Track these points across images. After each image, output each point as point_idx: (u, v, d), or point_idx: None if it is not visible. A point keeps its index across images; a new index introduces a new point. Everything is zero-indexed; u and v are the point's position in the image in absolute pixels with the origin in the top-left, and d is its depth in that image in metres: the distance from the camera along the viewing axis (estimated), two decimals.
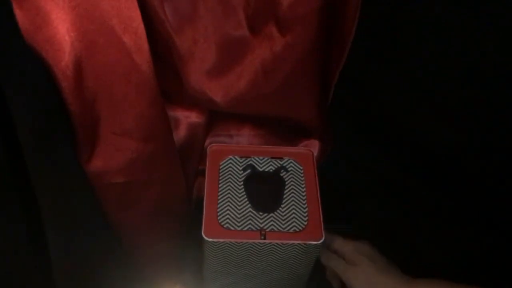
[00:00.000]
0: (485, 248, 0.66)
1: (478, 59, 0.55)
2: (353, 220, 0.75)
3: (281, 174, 0.63)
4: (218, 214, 0.58)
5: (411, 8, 0.57)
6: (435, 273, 0.54)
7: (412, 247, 0.70)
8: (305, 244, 0.56)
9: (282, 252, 0.57)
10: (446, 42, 0.57)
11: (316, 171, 0.63)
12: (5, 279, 0.51)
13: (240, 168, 0.63)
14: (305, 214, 0.59)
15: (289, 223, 0.58)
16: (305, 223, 0.58)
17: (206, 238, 0.56)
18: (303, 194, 0.61)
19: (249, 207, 0.59)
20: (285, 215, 0.59)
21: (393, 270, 0.56)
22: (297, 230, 0.58)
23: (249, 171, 0.63)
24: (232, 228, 0.57)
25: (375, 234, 0.62)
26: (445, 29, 0.56)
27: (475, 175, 0.63)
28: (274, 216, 0.59)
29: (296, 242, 0.56)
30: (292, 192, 0.61)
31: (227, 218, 0.58)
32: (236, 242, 0.56)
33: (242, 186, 0.61)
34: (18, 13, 0.41)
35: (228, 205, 0.59)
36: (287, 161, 0.64)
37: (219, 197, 0.60)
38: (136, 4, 0.45)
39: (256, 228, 0.57)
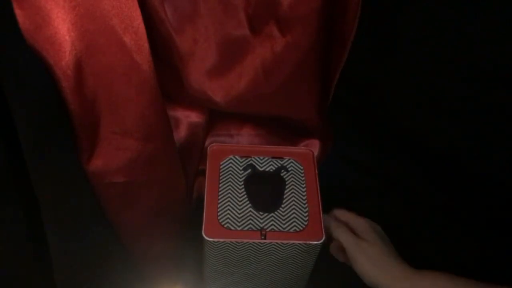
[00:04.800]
0: (486, 247, 0.66)
1: (478, 59, 0.55)
2: None
3: (282, 174, 0.63)
4: (219, 214, 0.58)
5: (411, 8, 0.57)
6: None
7: (412, 246, 0.69)
8: (305, 244, 0.56)
9: (283, 252, 0.57)
10: (446, 42, 0.57)
11: (316, 171, 0.63)
12: (6, 279, 0.51)
13: (241, 168, 0.63)
14: (305, 214, 0.59)
15: (289, 223, 0.58)
16: (306, 223, 0.58)
17: (206, 238, 0.56)
18: (304, 194, 0.61)
19: (250, 207, 0.59)
20: (285, 215, 0.59)
21: (400, 258, 0.55)
22: (298, 230, 0.58)
23: (249, 170, 0.63)
24: (233, 228, 0.57)
25: None
26: (445, 29, 0.56)
27: (475, 174, 0.63)
28: (275, 216, 0.59)
29: (296, 242, 0.56)
30: (293, 192, 0.61)
31: (228, 218, 0.58)
32: (237, 242, 0.56)
33: (243, 186, 0.61)
34: (18, 12, 0.41)
35: (229, 205, 0.59)
36: (287, 160, 0.64)
37: (219, 197, 0.60)
38: (136, 3, 0.45)
39: (256, 228, 0.57)
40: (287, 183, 0.62)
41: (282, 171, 0.63)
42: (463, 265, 0.62)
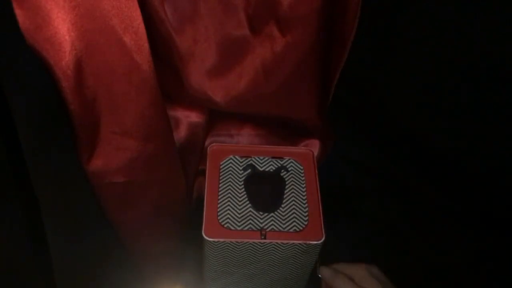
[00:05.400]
0: (486, 247, 0.66)
1: (478, 59, 0.55)
2: (353, 220, 0.75)
3: (282, 174, 0.63)
4: (219, 214, 0.58)
5: (411, 8, 0.57)
6: (435, 273, 0.54)
7: (412, 247, 0.70)
8: (305, 244, 0.56)
9: (283, 252, 0.57)
10: (446, 42, 0.57)
11: (316, 171, 0.63)
12: (6, 279, 0.51)
13: (241, 168, 0.63)
14: (305, 214, 0.59)
15: (289, 223, 0.58)
16: (306, 223, 0.58)
17: (206, 238, 0.56)
18: (304, 193, 0.61)
19: (250, 207, 0.59)
20: (285, 215, 0.59)
21: None
22: (298, 230, 0.58)
23: (249, 170, 0.63)
24: (233, 228, 0.57)
25: (375, 234, 0.62)
26: (445, 29, 0.56)
27: (475, 174, 0.63)
28: (275, 216, 0.59)
29: (296, 242, 0.56)
30: (293, 192, 0.61)
31: (228, 218, 0.58)
32: (237, 242, 0.56)
33: (243, 186, 0.61)
34: (18, 12, 0.41)
35: (229, 205, 0.59)
36: (287, 160, 0.64)
37: (219, 197, 0.60)
38: (136, 3, 0.45)
39: (256, 228, 0.57)
40: (287, 183, 0.62)
41: (282, 171, 0.63)
42: (462, 265, 0.62)
